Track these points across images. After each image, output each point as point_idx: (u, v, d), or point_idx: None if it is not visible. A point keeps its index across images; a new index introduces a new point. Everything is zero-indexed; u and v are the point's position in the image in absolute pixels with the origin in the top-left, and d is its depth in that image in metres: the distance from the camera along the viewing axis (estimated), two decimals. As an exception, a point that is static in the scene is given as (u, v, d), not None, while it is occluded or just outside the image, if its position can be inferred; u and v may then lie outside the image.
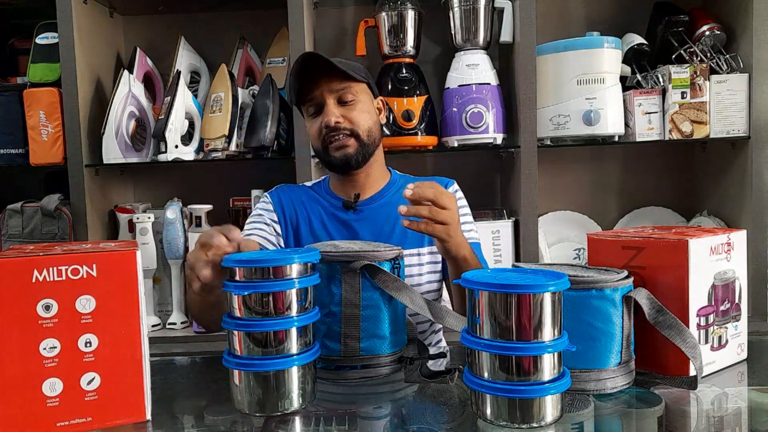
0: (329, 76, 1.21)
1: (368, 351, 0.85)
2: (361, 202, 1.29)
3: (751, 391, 0.81)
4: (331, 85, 1.22)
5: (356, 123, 1.23)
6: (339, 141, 1.22)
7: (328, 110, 1.21)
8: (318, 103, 1.23)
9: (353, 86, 1.23)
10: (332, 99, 1.22)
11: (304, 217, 1.29)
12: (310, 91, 1.23)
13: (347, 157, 1.23)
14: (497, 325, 0.67)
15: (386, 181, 1.33)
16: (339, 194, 1.31)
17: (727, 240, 0.86)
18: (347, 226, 1.26)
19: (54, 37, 1.80)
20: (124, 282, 0.72)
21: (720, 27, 1.81)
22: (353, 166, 1.25)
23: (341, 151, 1.23)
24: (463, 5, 1.79)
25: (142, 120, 1.86)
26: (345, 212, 1.28)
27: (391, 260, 0.87)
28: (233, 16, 2.06)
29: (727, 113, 1.77)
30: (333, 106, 1.22)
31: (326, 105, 1.22)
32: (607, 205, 2.08)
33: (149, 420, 0.74)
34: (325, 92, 1.22)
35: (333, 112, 1.21)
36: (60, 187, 1.83)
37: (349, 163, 1.24)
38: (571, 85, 1.73)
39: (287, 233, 1.29)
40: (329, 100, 1.22)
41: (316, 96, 1.23)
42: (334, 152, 1.23)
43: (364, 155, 1.25)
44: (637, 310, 0.79)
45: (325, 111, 1.22)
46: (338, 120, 1.21)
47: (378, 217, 1.27)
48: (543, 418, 0.67)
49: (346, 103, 1.23)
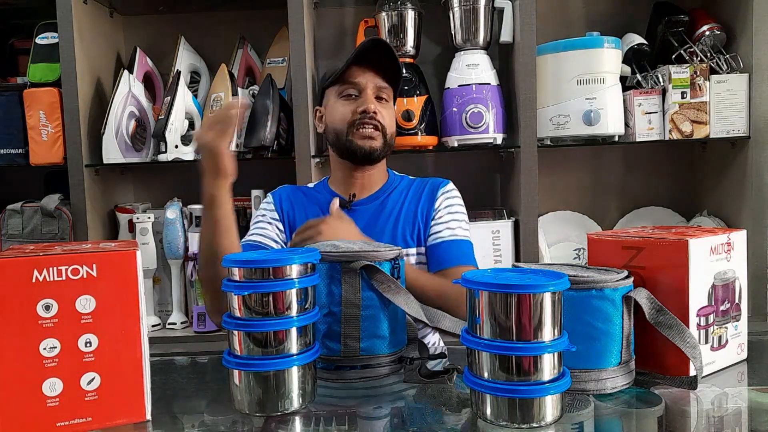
0: (380, 70, 1.26)
1: (368, 351, 0.85)
2: (357, 202, 1.30)
3: (751, 391, 0.82)
4: (377, 80, 1.26)
5: (386, 122, 1.28)
6: (368, 130, 1.24)
7: (369, 98, 1.25)
8: (359, 89, 1.26)
9: (391, 90, 1.30)
10: (372, 91, 1.26)
11: (302, 216, 1.30)
12: (357, 75, 1.26)
13: (372, 148, 1.25)
14: (497, 325, 0.67)
15: (384, 182, 1.34)
16: (337, 191, 1.32)
17: (727, 240, 0.86)
18: None
19: (54, 37, 1.80)
20: (124, 282, 0.72)
21: (720, 27, 1.81)
22: (372, 160, 1.27)
23: (368, 141, 1.25)
24: (463, 5, 1.79)
25: (142, 120, 1.86)
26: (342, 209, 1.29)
27: (391, 260, 0.87)
28: (233, 16, 2.06)
29: (727, 113, 1.77)
30: (373, 96, 1.26)
31: (367, 93, 1.25)
32: (607, 205, 2.08)
33: (149, 420, 0.74)
34: (370, 83, 1.26)
35: (373, 101, 1.25)
36: (60, 187, 1.83)
37: (371, 155, 1.26)
38: (571, 85, 1.73)
39: (287, 232, 1.30)
40: (370, 91, 1.26)
41: (360, 82, 1.26)
42: (359, 140, 1.25)
43: (383, 153, 1.28)
44: (637, 310, 0.79)
45: (366, 97, 1.25)
46: (376, 110, 1.25)
47: (371, 217, 1.28)
48: (543, 418, 0.67)
49: (381, 101, 1.28)
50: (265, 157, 1.79)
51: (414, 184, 1.36)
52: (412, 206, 1.30)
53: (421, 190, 1.33)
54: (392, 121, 1.30)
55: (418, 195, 1.32)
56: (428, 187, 1.33)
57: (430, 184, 1.34)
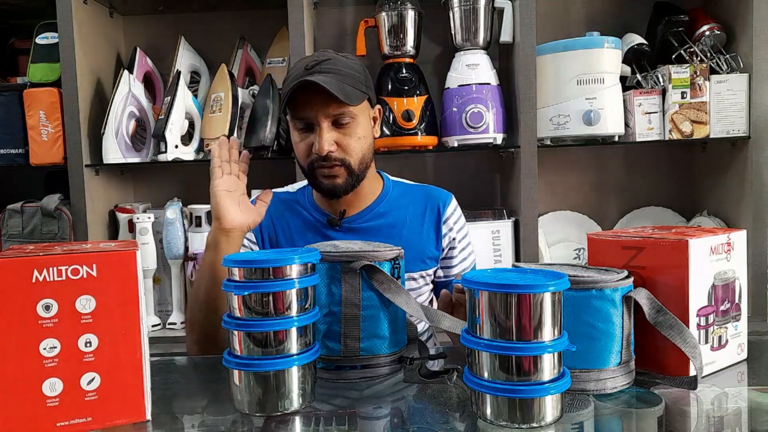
0: (327, 98, 1.09)
1: (368, 351, 0.85)
2: (349, 218, 1.23)
3: (751, 391, 0.81)
4: (329, 109, 1.11)
5: (349, 151, 1.14)
6: (328, 170, 1.14)
7: (322, 136, 1.11)
8: (310, 123, 1.13)
9: (352, 106, 1.12)
10: (327, 122, 1.12)
11: (283, 228, 1.25)
12: (304, 110, 1.12)
13: (335, 186, 1.16)
14: (497, 325, 0.67)
15: (377, 193, 1.26)
16: (323, 208, 1.24)
17: (727, 240, 0.86)
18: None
19: (54, 37, 1.80)
20: (124, 282, 0.72)
21: (720, 27, 1.81)
22: (339, 195, 1.18)
23: (329, 180, 1.15)
24: (463, 5, 1.79)
25: (142, 120, 1.86)
26: (329, 229, 1.22)
27: (391, 260, 0.87)
28: (233, 16, 2.06)
29: (727, 113, 1.77)
30: (327, 130, 1.12)
31: (320, 129, 1.11)
32: (607, 205, 2.08)
33: (149, 420, 0.74)
34: (321, 116, 1.11)
35: (327, 139, 1.11)
36: (60, 187, 1.83)
37: (336, 192, 1.17)
38: (571, 85, 1.73)
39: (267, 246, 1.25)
40: (324, 124, 1.11)
41: (309, 117, 1.12)
42: (321, 179, 1.16)
43: (353, 184, 1.17)
44: (637, 310, 0.79)
45: (319, 136, 1.11)
46: (331, 149, 1.12)
47: (366, 235, 1.21)
48: (543, 418, 0.67)
49: (342, 125, 1.13)
50: (265, 157, 1.79)
51: (413, 195, 1.28)
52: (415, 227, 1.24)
53: (423, 207, 1.26)
54: (360, 144, 1.15)
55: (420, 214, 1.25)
56: (431, 204, 1.26)
57: (433, 200, 1.27)
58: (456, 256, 1.28)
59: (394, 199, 1.27)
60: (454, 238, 1.27)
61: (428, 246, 1.25)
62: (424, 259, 1.25)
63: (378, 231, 1.22)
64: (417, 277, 1.24)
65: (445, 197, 1.29)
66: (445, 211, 1.27)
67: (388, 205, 1.26)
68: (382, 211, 1.25)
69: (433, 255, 1.26)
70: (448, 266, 1.29)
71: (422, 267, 1.24)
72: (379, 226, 1.23)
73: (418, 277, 1.24)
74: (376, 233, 1.22)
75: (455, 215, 1.28)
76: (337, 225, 1.22)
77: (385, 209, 1.25)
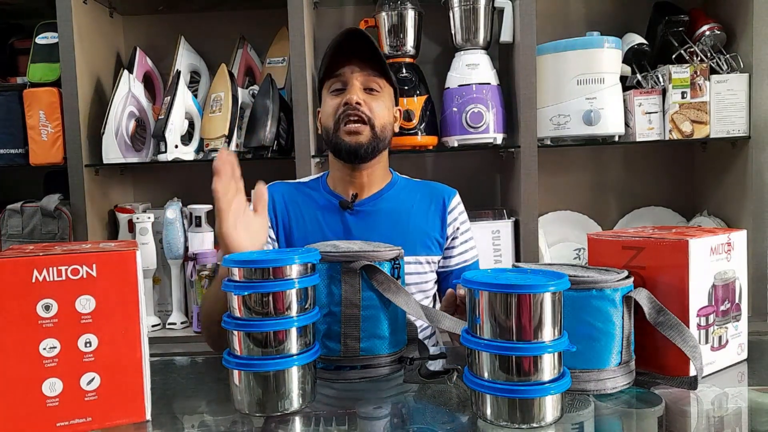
0: (364, 61, 1.21)
1: (368, 351, 0.85)
2: (359, 202, 1.27)
3: (751, 391, 0.81)
4: (363, 70, 1.22)
5: (375, 113, 1.21)
6: (354, 125, 1.20)
7: (353, 89, 1.20)
8: (343, 81, 1.22)
9: (382, 80, 1.23)
10: (359, 82, 1.21)
11: (297, 215, 1.28)
12: (341, 67, 1.22)
13: (358, 144, 1.20)
14: (497, 325, 0.67)
15: (386, 182, 1.32)
16: (337, 192, 1.29)
17: (727, 240, 0.86)
18: (343, 226, 1.25)
19: (54, 37, 1.80)
20: (124, 282, 0.72)
21: (720, 27, 1.81)
22: (360, 156, 1.22)
23: (353, 137, 1.20)
24: (463, 5, 1.79)
25: (142, 120, 1.86)
26: (341, 211, 1.26)
27: (391, 260, 0.87)
28: (233, 16, 2.06)
29: (727, 113, 1.77)
30: (359, 88, 1.21)
31: (351, 84, 1.21)
32: (607, 205, 2.08)
33: (149, 420, 0.74)
34: (356, 73, 1.21)
35: (358, 93, 1.20)
36: (60, 187, 1.82)
37: (358, 151, 1.21)
38: (571, 85, 1.72)
39: (278, 233, 1.27)
40: (356, 81, 1.21)
41: (345, 73, 1.22)
42: (345, 136, 1.21)
43: (374, 148, 1.22)
44: (638, 310, 0.79)
45: (349, 88, 1.21)
46: (359, 102, 1.20)
47: (376, 218, 1.26)
48: (543, 418, 0.67)
49: (371, 91, 1.23)
50: (265, 157, 1.79)
51: (419, 188, 1.33)
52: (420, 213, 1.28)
53: (429, 198, 1.31)
54: (383, 113, 1.23)
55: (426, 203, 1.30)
56: (436, 197, 1.31)
57: (438, 193, 1.32)
58: (456, 247, 1.31)
59: (402, 188, 1.32)
60: (458, 228, 1.31)
61: (434, 231, 1.29)
62: (430, 244, 1.28)
63: (387, 215, 1.27)
64: (423, 261, 1.27)
65: (449, 191, 1.35)
66: (449, 203, 1.32)
67: (396, 193, 1.31)
68: (391, 197, 1.30)
69: (438, 240, 1.29)
70: (448, 256, 1.31)
71: (428, 252, 1.27)
72: (388, 210, 1.28)
73: (424, 261, 1.27)
74: (386, 217, 1.27)
75: (459, 209, 1.34)
76: (349, 207, 1.26)
77: (394, 196, 1.30)
